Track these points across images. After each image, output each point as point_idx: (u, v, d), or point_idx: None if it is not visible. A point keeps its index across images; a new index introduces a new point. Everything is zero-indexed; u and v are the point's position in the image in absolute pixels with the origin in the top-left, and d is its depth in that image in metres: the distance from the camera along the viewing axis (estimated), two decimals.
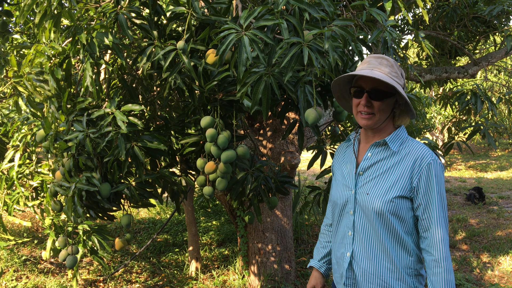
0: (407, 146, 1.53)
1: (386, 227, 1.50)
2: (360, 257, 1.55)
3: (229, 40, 1.61)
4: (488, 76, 8.20)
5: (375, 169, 1.55)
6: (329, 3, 1.71)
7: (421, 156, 1.48)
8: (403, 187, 1.47)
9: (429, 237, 1.46)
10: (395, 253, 1.50)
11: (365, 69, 1.51)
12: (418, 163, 1.47)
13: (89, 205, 2.11)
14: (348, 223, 1.60)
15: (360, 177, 1.58)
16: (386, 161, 1.53)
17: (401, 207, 1.48)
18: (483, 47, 6.02)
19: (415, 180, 1.47)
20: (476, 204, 7.70)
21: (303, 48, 1.60)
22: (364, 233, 1.54)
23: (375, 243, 1.52)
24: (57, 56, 2.04)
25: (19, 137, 2.82)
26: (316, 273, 1.85)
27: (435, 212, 1.45)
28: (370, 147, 1.58)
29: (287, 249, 4.13)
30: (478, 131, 3.70)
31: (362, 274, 1.55)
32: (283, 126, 3.88)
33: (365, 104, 1.51)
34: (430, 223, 1.46)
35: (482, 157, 14.80)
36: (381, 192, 1.50)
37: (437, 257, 1.44)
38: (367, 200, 1.52)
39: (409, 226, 1.51)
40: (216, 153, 1.92)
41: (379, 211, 1.48)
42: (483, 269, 4.63)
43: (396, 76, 1.50)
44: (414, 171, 1.47)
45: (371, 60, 1.53)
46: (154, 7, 1.96)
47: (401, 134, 1.56)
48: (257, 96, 1.66)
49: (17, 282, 4.26)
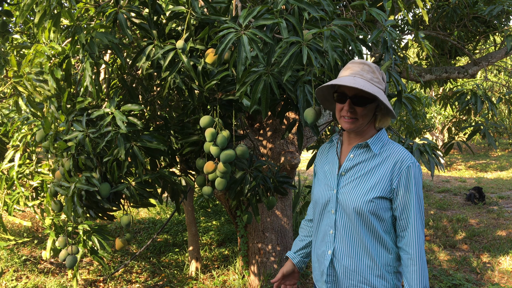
0: (388, 149, 1.59)
1: (366, 226, 1.55)
2: (341, 255, 1.60)
3: (228, 39, 1.61)
4: (488, 76, 8.20)
5: (357, 170, 1.60)
6: (328, 3, 1.71)
7: (401, 159, 1.54)
8: (383, 188, 1.53)
9: (406, 236, 1.53)
10: (375, 251, 1.56)
11: (347, 75, 1.55)
12: (398, 166, 1.53)
13: (88, 205, 2.11)
14: (329, 222, 1.64)
15: (342, 178, 1.63)
16: (367, 162, 1.59)
17: (380, 207, 1.54)
18: (483, 47, 6.01)
19: (394, 182, 1.53)
20: (476, 204, 7.70)
21: (303, 48, 1.60)
22: (345, 231, 1.59)
23: (356, 241, 1.57)
24: (57, 56, 2.04)
25: (19, 137, 2.82)
26: (288, 262, 1.91)
27: (412, 213, 1.52)
28: (352, 148, 1.63)
29: (287, 249, 4.13)
30: (478, 131, 3.70)
31: (343, 271, 1.60)
32: (283, 126, 3.88)
33: (348, 109, 1.55)
34: (408, 223, 1.53)
35: (482, 157, 14.79)
36: (362, 192, 1.55)
37: (413, 256, 1.51)
38: (348, 199, 1.57)
39: (388, 225, 1.57)
40: (215, 153, 1.92)
41: (360, 210, 1.54)
42: (483, 269, 4.62)
43: (378, 82, 1.55)
44: (394, 173, 1.53)
45: (353, 67, 1.57)
46: (153, 7, 1.96)
47: (382, 136, 1.62)
48: (256, 95, 1.66)
49: (17, 282, 4.26)
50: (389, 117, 1.63)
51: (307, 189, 6.70)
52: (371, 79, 1.54)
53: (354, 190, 1.57)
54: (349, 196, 1.57)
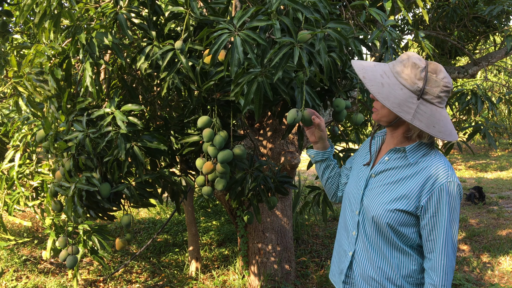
0: (427, 160, 1.41)
1: (383, 236, 1.46)
2: (361, 258, 1.53)
3: (221, 40, 1.61)
4: (488, 76, 8.20)
5: (387, 176, 1.48)
6: (324, 5, 1.70)
7: (435, 175, 1.37)
8: (409, 202, 1.40)
9: (432, 260, 1.39)
10: (395, 260, 1.46)
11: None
12: (430, 183, 1.37)
13: (89, 205, 2.11)
14: (353, 222, 1.57)
15: (372, 179, 1.53)
16: (400, 170, 1.45)
17: (400, 221, 1.42)
18: (483, 47, 6.02)
19: (423, 200, 1.38)
20: (476, 204, 7.70)
21: (294, 49, 1.59)
22: (367, 236, 1.51)
23: (375, 248, 1.49)
24: (57, 56, 2.04)
25: (19, 137, 2.82)
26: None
27: (441, 237, 1.36)
28: (388, 151, 1.51)
29: (287, 249, 4.14)
30: (478, 131, 3.70)
31: (361, 275, 1.53)
32: (283, 126, 3.89)
33: (372, 97, 1.46)
34: (435, 247, 1.38)
35: (482, 157, 14.79)
36: (385, 201, 1.44)
37: (437, 284, 1.37)
38: (370, 205, 1.48)
39: (412, 241, 1.45)
40: (213, 153, 1.92)
41: (377, 220, 1.44)
42: (483, 269, 4.63)
43: (405, 79, 1.39)
44: (424, 190, 1.38)
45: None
46: (152, 7, 1.96)
47: (425, 147, 1.44)
48: (249, 96, 1.66)
49: (17, 282, 4.27)
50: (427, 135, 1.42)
51: (308, 189, 6.69)
52: (397, 73, 1.38)
53: (379, 197, 1.46)
54: (372, 202, 1.47)
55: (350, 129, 3.88)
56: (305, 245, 5.40)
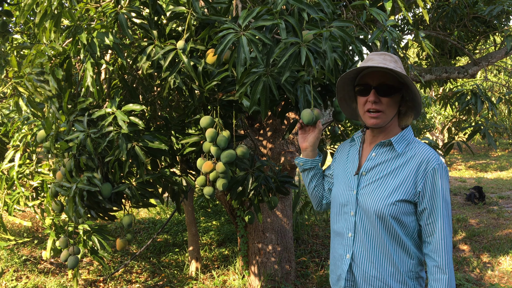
0: (412, 148, 1.48)
1: (388, 230, 1.46)
2: (360, 259, 1.51)
3: (228, 40, 1.60)
4: (488, 76, 8.20)
5: (379, 170, 1.51)
6: (328, 4, 1.70)
7: (427, 159, 1.44)
8: (406, 191, 1.44)
9: (433, 243, 1.43)
10: (396, 256, 1.47)
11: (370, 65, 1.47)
12: (423, 167, 1.43)
13: (90, 205, 2.11)
14: (347, 224, 1.55)
15: (363, 178, 1.54)
16: (390, 162, 1.49)
17: (403, 211, 1.44)
18: (483, 47, 6.02)
19: (419, 185, 1.43)
20: (476, 204, 7.70)
21: (301, 49, 1.59)
22: (366, 235, 1.50)
23: (377, 246, 1.48)
24: (58, 56, 2.04)
25: (19, 137, 2.82)
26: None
27: (439, 217, 1.42)
28: (374, 147, 1.54)
29: (287, 249, 4.14)
30: (478, 131, 3.70)
31: (362, 276, 1.51)
32: (283, 126, 3.89)
33: (373, 100, 1.45)
34: (435, 228, 1.42)
35: (482, 157, 14.80)
36: (384, 195, 1.46)
37: (440, 264, 1.41)
38: (369, 202, 1.48)
39: (410, 230, 1.48)
40: (215, 153, 1.92)
41: (381, 214, 1.45)
42: (483, 269, 4.63)
43: (402, 70, 1.46)
44: (419, 175, 1.43)
45: (374, 57, 1.49)
46: (154, 7, 1.96)
47: (407, 135, 1.52)
48: (256, 96, 1.66)
49: (17, 282, 4.26)
50: (412, 115, 1.54)
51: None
52: (395, 68, 1.44)
53: (376, 192, 1.48)
54: (370, 199, 1.48)
55: (351, 129, 3.88)
56: (305, 245, 5.40)
